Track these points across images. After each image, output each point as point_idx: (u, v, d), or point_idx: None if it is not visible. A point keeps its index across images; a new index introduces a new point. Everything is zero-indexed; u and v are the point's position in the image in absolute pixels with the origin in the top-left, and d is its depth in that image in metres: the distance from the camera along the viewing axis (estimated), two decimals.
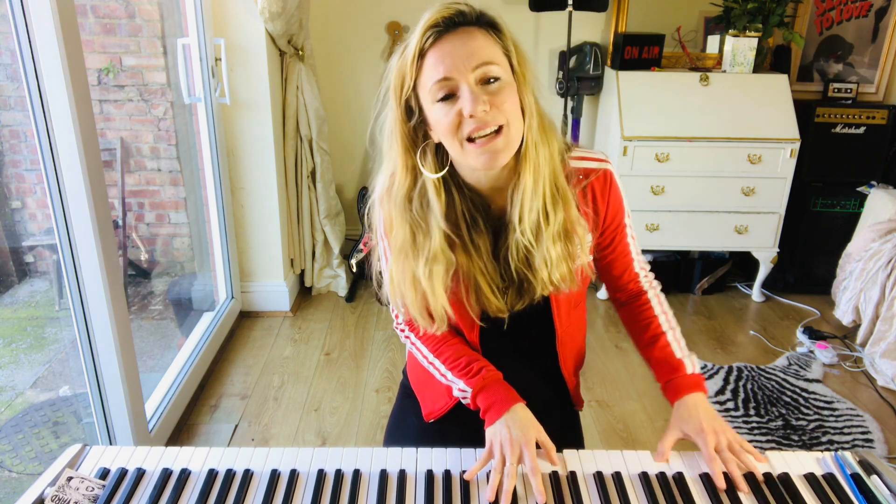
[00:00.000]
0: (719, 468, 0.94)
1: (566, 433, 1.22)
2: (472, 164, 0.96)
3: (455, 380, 1.09)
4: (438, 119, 0.94)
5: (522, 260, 1.03)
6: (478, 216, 1.03)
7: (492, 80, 0.92)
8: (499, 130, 0.93)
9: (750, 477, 0.94)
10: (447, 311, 1.05)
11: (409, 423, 1.25)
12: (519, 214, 0.99)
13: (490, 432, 1.00)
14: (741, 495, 0.91)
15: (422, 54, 0.92)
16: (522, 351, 1.20)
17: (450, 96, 0.92)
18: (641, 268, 1.20)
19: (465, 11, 0.94)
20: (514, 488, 0.91)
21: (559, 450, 0.99)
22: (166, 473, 0.92)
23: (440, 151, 1.01)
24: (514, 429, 0.97)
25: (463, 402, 1.10)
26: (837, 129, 3.07)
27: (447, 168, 1.00)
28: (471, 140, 0.93)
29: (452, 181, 1.02)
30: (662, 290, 1.23)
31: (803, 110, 3.00)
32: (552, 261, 1.02)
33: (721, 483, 0.92)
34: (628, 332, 1.23)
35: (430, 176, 0.99)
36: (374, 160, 3.39)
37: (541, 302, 1.08)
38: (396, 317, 1.21)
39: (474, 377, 1.07)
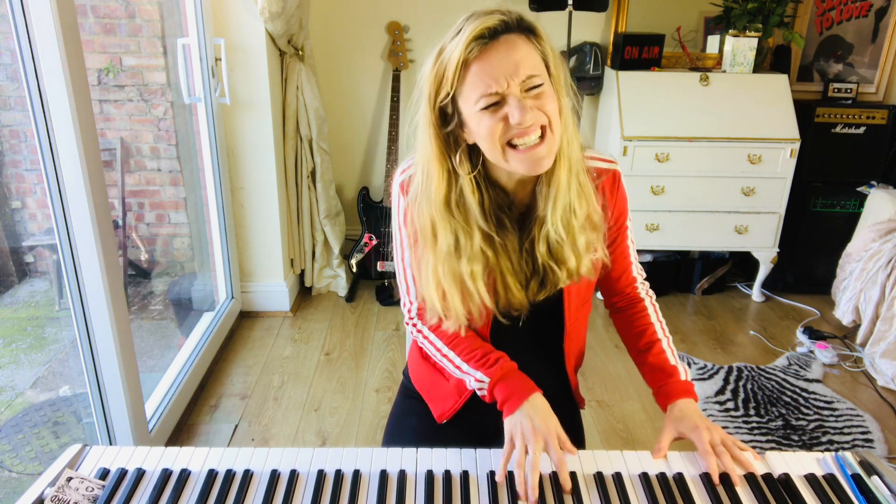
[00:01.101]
0: (715, 462, 0.95)
1: (569, 431, 1.23)
2: (514, 169, 0.97)
3: (472, 371, 1.09)
4: (481, 126, 0.94)
5: (548, 253, 1.05)
6: (503, 215, 1.05)
7: (535, 87, 0.94)
8: (542, 136, 0.95)
9: (750, 477, 0.94)
10: (487, 305, 1.06)
11: (409, 423, 1.25)
12: (552, 208, 1.01)
13: (509, 423, 1.00)
14: (741, 495, 0.91)
15: (465, 65, 0.92)
16: (531, 345, 1.20)
17: (494, 104, 0.93)
18: (639, 273, 1.22)
19: (507, 20, 0.94)
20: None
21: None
22: (166, 474, 0.92)
23: (472, 151, 1.02)
24: (536, 419, 0.98)
25: (479, 393, 1.10)
26: (837, 129, 3.08)
27: (478, 168, 1.02)
28: (512, 146, 0.94)
29: (483, 179, 1.03)
30: (662, 291, 1.23)
31: (803, 110, 3.00)
32: (580, 252, 1.05)
33: (716, 477, 0.93)
34: (622, 338, 1.25)
35: (466, 177, 1.00)
36: (374, 145, 3.36)
37: (556, 294, 1.10)
38: (409, 311, 1.20)
39: (491, 367, 1.07)
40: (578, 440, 1.25)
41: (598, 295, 1.29)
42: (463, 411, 1.18)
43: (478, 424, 1.17)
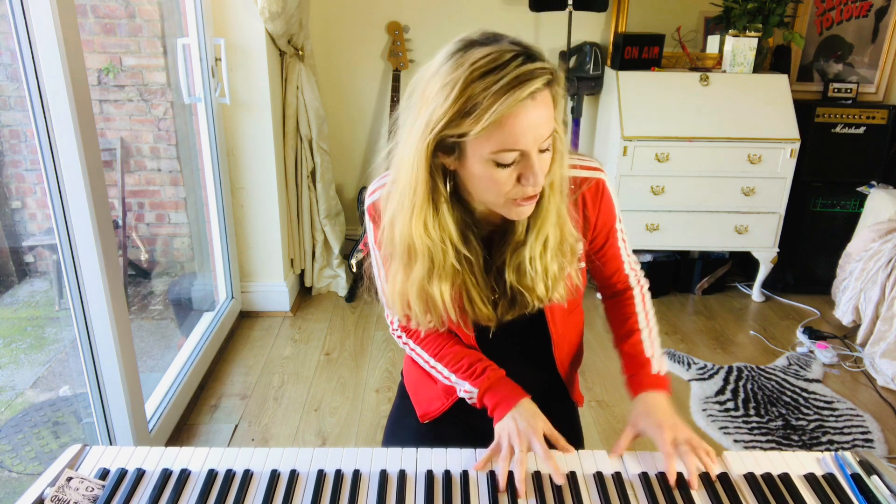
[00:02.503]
0: (674, 464, 0.94)
1: (565, 430, 1.23)
2: (505, 214, 0.95)
3: (460, 382, 1.10)
4: (489, 176, 0.89)
5: (517, 278, 1.02)
6: (469, 233, 1.01)
7: (546, 149, 0.90)
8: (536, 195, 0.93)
9: (750, 477, 0.94)
10: (450, 313, 1.04)
11: (408, 423, 1.25)
12: (534, 238, 0.99)
13: (498, 427, 1.02)
14: (741, 495, 0.90)
15: (499, 120, 0.83)
16: (519, 352, 1.21)
17: (509, 162, 0.88)
18: (632, 268, 1.21)
19: (544, 74, 0.85)
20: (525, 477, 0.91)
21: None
22: (166, 474, 0.92)
23: (452, 174, 0.97)
24: (521, 421, 0.99)
25: (469, 402, 1.11)
26: (837, 129, 3.08)
27: (452, 188, 0.98)
28: (515, 201, 0.92)
29: (455, 199, 1.00)
30: (662, 291, 1.23)
31: (803, 110, 3.00)
32: (551, 277, 1.02)
33: (673, 480, 0.92)
34: (608, 324, 1.25)
35: (444, 199, 0.96)
36: (373, 145, 3.37)
37: (534, 311, 1.08)
38: (391, 322, 1.21)
39: (479, 378, 1.08)
40: (577, 440, 1.25)
41: (598, 294, 1.29)
42: (461, 411, 1.18)
43: (476, 423, 1.18)
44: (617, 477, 0.93)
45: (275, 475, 0.92)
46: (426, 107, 0.87)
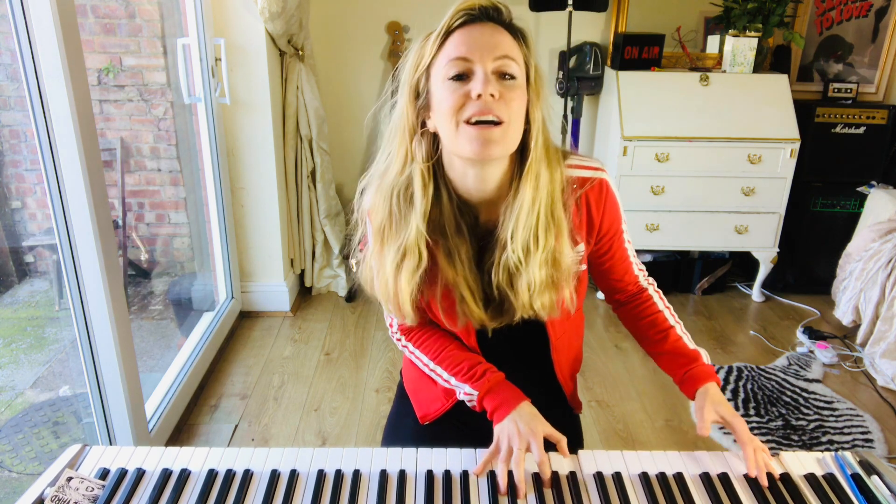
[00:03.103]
0: (752, 453, 0.95)
1: (565, 435, 1.22)
2: (462, 150, 0.94)
3: (460, 384, 1.10)
4: (444, 97, 0.93)
5: (506, 280, 1.02)
6: (462, 224, 1.02)
7: (507, 77, 0.93)
8: (499, 123, 0.92)
9: (752, 481, 0.94)
10: (408, 308, 1.05)
11: (407, 424, 1.25)
12: (512, 230, 0.98)
13: (498, 430, 1.01)
14: (741, 495, 0.91)
15: (448, 32, 0.94)
16: (517, 356, 1.20)
17: (462, 77, 0.92)
18: (640, 270, 1.20)
19: (502, 11, 0.96)
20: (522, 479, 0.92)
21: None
22: (166, 474, 0.92)
23: (435, 143, 1.00)
24: (521, 423, 0.99)
25: (469, 404, 1.11)
26: (837, 129, 3.08)
27: (435, 157, 1.00)
28: (468, 122, 0.92)
29: (444, 186, 1.01)
30: (662, 291, 1.22)
31: (803, 110, 3.00)
32: (536, 286, 1.01)
33: (753, 471, 0.94)
34: (631, 331, 1.22)
35: (420, 164, 0.99)
36: (373, 145, 3.38)
37: (518, 322, 1.08)
38: (391, 325, 1.21)
39: (479, 381, 1.07)
40: (576, 446, 1.24)
41: (598, 294, 1.29)
42: (460, 413, 1.18)
43: (475, 424, 1.18)
44: (617, 477, 0.93)
45: (275, 475, 0.92)
46: (407, 59, 0.98)
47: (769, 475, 0.94)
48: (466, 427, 1.20)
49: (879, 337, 2.57)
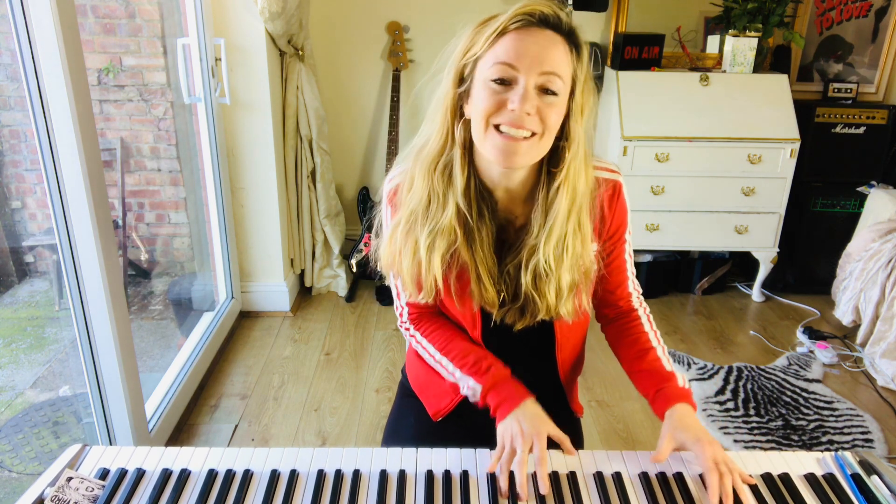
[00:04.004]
0: (716, 480, 0.90)
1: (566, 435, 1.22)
2: (487, 153, 0.96)
3: (464, 377, 1.09)
4: (482, 97, 0.94)
5: (537, 283, 1.03)
6: (484, 208, 1.04)
7: (549, 92, 0.93)
8: (529, 137, 0.93)
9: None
10: (439, 285, 1.06)
11: (408, 423, 1.25)
12: (546, 238, 1.00)
13: (501, 428, 1.00)
14: (741, 495, 0.90)
15: (503, 32, 0.93)
16: (522, 354, 1.20)
17: (504, 82, 0.93)
18: (635, 288, 1.20)
19: (563, 20, 0.95)
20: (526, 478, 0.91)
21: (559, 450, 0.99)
22: (166, 474, 0.92)
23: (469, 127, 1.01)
24: (525, 423, 0.98)
25: (471, 399, 1.10)
26: (837, 129, 3.08)
27: (470, 150, 1.02)
28: (498, 129, 0.93)
29: (471, 169, 1.03)
30: (662, 291, 1.22)
31: (803, 110, 3.00)
32: (563, 291, 1.03)
33: (716, 500, 0.88)
34: (615, 350, 1.21)
35: (459, 147, 1.00)
36: (374, 145, 3.37)
37: (538, 323, 1.09)
38: (400, 315, 1.21)
39: (483, 375, 1.07)
40: (577, 445, 1.23)
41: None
42: (460, 409, 1.18)
43: (476, 422, 1.17)
44: (617, 477, 0.93)
45: (275, 475, 0.92)
46: (459, 39, 0.98)
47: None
48: (472, 425, 1.20)
49: (879, 337, 2.57)
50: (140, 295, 3.09)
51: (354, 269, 3.16)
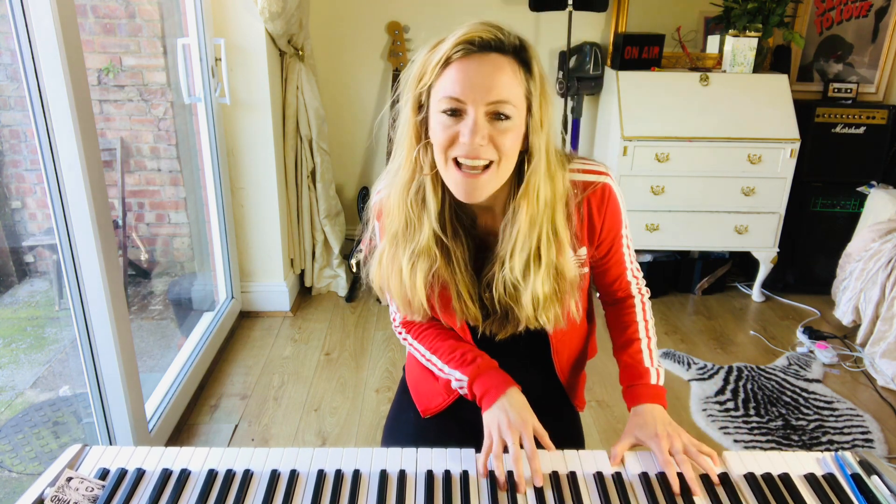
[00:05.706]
0: (674, 471, 0.92)
1: (566, 434, 1.22)
2: (450, 187, 0.97)
3: (451, 371, 1.11)
4: (436, 129, 0.94)
5: (509, 295, 1.03)
6: (458, 226, 1.04)
7: (502, 117, 0.91)
8: (487, 166, 0.93)
9: (750, 477, 0.94)
10: (424, 306, 1.07)
11: (408, 418, 1.26)
12: (511, 250, 0.99)
13: (488, 418, 1.01)
14: (741, 495, 0.90)
15: (447, 62, 0.91)
16: (517, 354, 1.20)
17: (456, 112, 0.92)
18: (634, 276, 1.20)
19: (504, 41, 0.92)
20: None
21: (560, 449, 0.99)
22: (166, 474, 0.92)
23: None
24: (511, 412, 0.99)
25: (461, 392, 1.12)
26: (837, 129, 3.08)
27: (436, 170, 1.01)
28: (456, 163, 0.93)
29: (444, 190, 1.02)
30: (662, 291, 1.23)
31: (803, 110, 3.00)
32: (540, 300, 1.02)
33: (676, 487, 0.90)
34: (609, 332, 1.23)
35: (428, 172, 0.99)
36: (375, 145, 3.38)
37: (522, 332, 1.09)
38: (394, 319, 1.23)
39: (469, 366, 1.08)
40: (577, 443, 1.24)
41: (598, 294, 1.29)
42: (461, 408, 1.18)
43: (476, 420, 1.18)
44: (617, 477, 0.93)
45: (275, 475, 0.92)
46: (414, 65, 0.97)
47: (706, 477, 0.93)
48: (467, 423, 1.20)
49: (879, 337, 2.57)
50: (140, 295, 3.09)
51: (354, 269, 3.16)
